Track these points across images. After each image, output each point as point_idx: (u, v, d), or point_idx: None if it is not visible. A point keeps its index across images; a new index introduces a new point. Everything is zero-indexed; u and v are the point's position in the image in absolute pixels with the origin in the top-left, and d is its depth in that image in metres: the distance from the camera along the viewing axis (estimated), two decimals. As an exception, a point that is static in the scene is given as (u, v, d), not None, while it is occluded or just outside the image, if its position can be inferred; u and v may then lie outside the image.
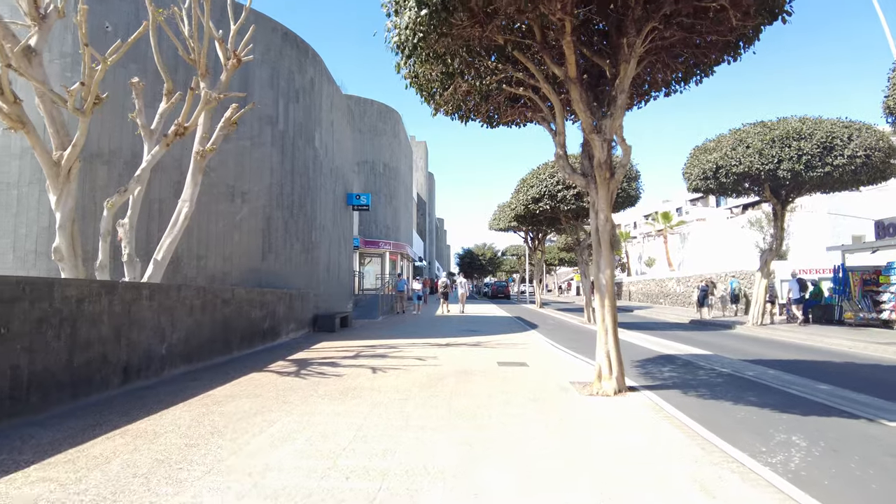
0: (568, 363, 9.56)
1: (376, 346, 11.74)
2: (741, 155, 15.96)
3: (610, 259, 6.91)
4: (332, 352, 10.76)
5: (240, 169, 13.37)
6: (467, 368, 8.62)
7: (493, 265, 69.26)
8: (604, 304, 6.96)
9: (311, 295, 15.25)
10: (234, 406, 5.95)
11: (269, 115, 14.17)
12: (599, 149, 6.70)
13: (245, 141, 13.51)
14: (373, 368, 8.54)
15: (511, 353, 10.59)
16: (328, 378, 7.72)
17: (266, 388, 7.01)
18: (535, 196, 18.47)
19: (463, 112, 8.93)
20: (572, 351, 11.37)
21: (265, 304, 11.91)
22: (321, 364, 9.08)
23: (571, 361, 9.80)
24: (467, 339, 13.14)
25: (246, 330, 10.85)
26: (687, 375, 8.49)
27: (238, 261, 13.13)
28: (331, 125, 17.82)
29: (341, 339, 13.29)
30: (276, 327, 12.58)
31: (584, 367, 9.05)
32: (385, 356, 10.03)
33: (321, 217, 16.48)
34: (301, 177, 15.20)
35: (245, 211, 13.36)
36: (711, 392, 7.18)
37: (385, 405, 6.02)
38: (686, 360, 10.25)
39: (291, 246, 14.62)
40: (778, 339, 14.74)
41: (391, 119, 35.30)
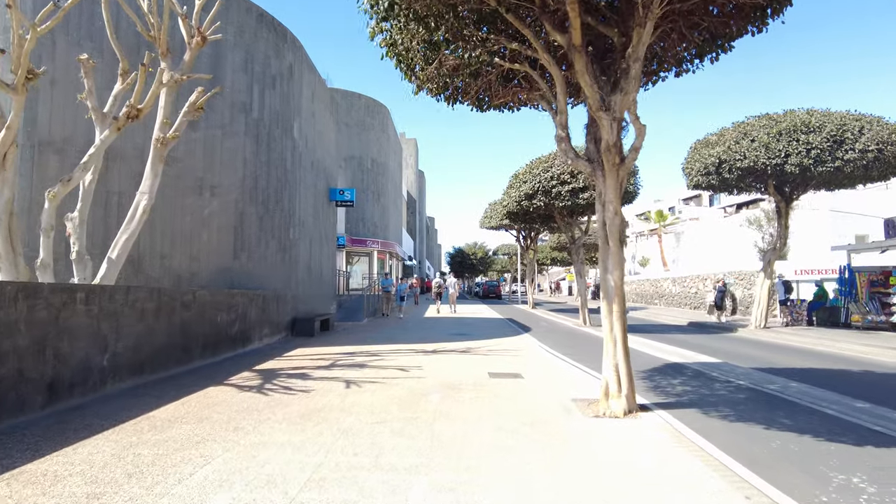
0: (566, 374, 8.61)
1: (356, 353, 10.73)
2: (746, 149, 15.10)
3: (619, 258, 5.95)
4: (305, 360, 9.74)
5: (209, 160, 12.30)
6: (455, 381, 7.64)
7: (484, 265, 68.33)
8: (612, 309, 6.00)
9: (288, 296, 14.21)
10: (173, 433, 4.94)
11: (243, 102, 13.11)
12: (608, 129, 5.74)
13: (215, 130, 12.44)
14: (347, 382, 7.53)
15: (504, 362, 9.63)
16: (293, 395, 6.71)
17: (218, 407, 5.99)
18: (528, 192, 17.52)
19: (450, 92, 7.96)
20: (570, 358, 10.43)
21: (233, 307, 10.87)
22: (290, 376, 8.07)
23: (570, 372, 8.85)
24: (456, 345, 12.17)
25: (210, 336, 9.81)
26: (702, 390, 7.56)
27: (207, 260, 12.07)
28: (312, 115, 16.77)
29: (319, 344, 12.27)
30: (248, 332, 11.54)
31: (584, 380, 8.10)
32: (364, 366, 9.03)
33: (300, 213, 15.43)
34: (278, 169, 14.15)
35: (215, 205, 12.30)
36: (735, 412, 6.24)
37: (354, 433, 5.02)
38: (697, 370, 9.33)
39: (267, 244, 13.57)
40: (786, 344, 13.89)
41: (379, 113, 34.26)
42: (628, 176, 17.57)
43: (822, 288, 18.70)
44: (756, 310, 17.59)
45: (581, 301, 18.69)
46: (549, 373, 8.64)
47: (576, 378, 8.23)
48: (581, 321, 18.66)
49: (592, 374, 8.60)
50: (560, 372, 8.78)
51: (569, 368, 9.17)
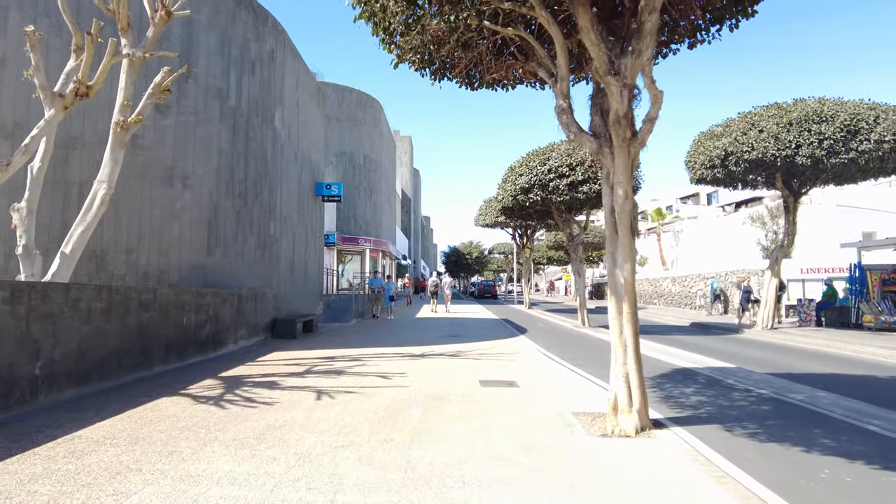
0: (566, 381, 7.75)
1: (336, 357, 9.84)
2: (754, 140, 14.28)
3: (631, 249, 5.09)
4: (279, 366, 8.85)
5: (181, 148, 11.39)
6: (441, 391, 6.76)
7: (479, 264, 67.45)
8: (621, 309, 5.14)
9: (268, 296, 13.30)
10: (93, 460, 4.05)
11: (218, 88, 12.21)
12: (617, 97, 4.87)
13: (188, 116, 11.53)
14: (319, 392, 6.64)
15: (497, 368, 8.76)
16: (254, 408, 5.82)
17: (162, 424, 5.10)
18: (524, 186, 16.64)
19: (436, 66, 7.09)
20: (569, 363, 9.57)
21: (203, 307, 9.97)
22: (257, 384, 7.17)
23: (570, 379, 7.99)
24: (447, 348, 11.29)
25: (175, 339, 8.90)
26: (721, 400, 6.70)
27: (178, 256, 11.17)
28: (296, 105, 15.87)
29: (299, 347, 11.37)
30: (220, 334, 10.63)
31: (586, 388, 7.24)
32: (342, 373, 8.14)
33: (283, 207, 14.53)
34: (257, 160, 13.24)
35: (187, 197, 11.39)
36: (764, 429, 5.39)
37: (313, 459, 4.14)
38: (710, 377, 8.48)
39: (245, 239, 12.67)
40: (798, 346, 13.07)
41: (371, 108, 33.37)
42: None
43: (832, 287, 17.92)
44: (763, 310, 16.78)
45: (579, 301, 17.85)
46: (547, 380, 7.77)
47: (576, 386, 7.37)
48: (580, 322, 17.82)
49: (595, 381, 7.74)
50: (559, 379, 7.91)
51: (568, 375, 8.31)
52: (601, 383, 7.56)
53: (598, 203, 17.00)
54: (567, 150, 15.95)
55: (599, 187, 15.64)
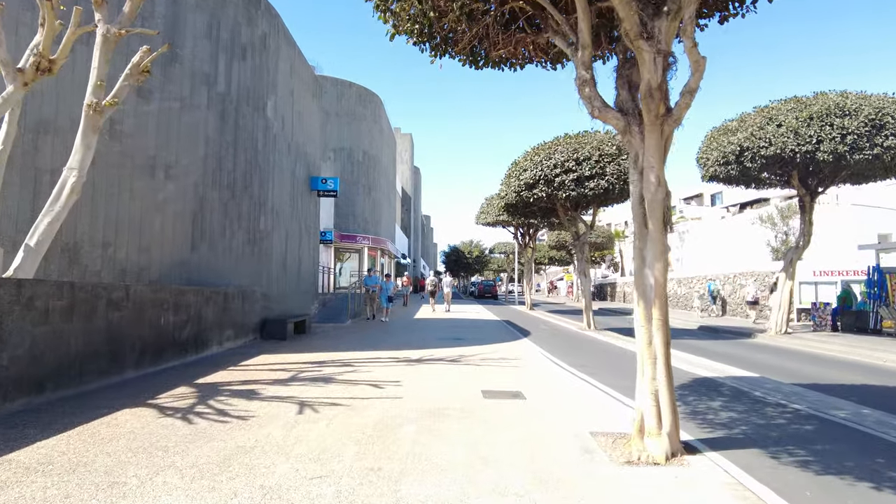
0: (577, 392, 7.02)
1: (326, 362, 9.11)
2: (771, 135, 13.54)
3: (663, 245, 4.36)
4: (263, 371, 8.11)
5: (164, 136, 10.65)
6: (439, 404, 6.03)
7: (480, 263, 66.65)
8: (650, 315, 4.40)
9: (257, 294, 12.57)
10: (14, 495, 3.32)
11: (206, 73, 11.48)
12: (650, 66, 4.14)
13: (172, 102, 10.79)
14: (302, 404, 5.91)
15: (501, 376, 8.02)
16: (226, 423, 5.09)
17: (114, 444, 4.37)
18: (528, 181, 15.88)
19: (438, 41, 6.37)
20: (578, 371, 8.84)
21: (184, 307, 9.24)
22: (234, 393, 6.44)
23: (581, 389, 7.26)
24: (446, 352, 10.55)
25: (150, 341, 8.17)
26: (754, 418, 5.96)
27: (160, 251, 10.43)
28: (290, 94, 15.13)
29: (288, 350, 10.63)
30: (203, 335, 9.90)
31: (600, 401, 6.51)
32: (330, 380, 7.41)
33: (274, 201, 13.79)
34: (247, 151, 12.51)
35: (170, 189, 10.66)
36: (816, 456, 4.65)
37: (282, 495, 3.41)
38: (735, 388, 7.74)
39: (232, 234, 11.93)
40: (817, 353, 12.34)
41: (371, 103, 32.61)
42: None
43: (847, 290, 17.18)
44: (776, 314, 16.04)
45: (585, 303, 17.10)
46: (556, 390, 7.04)
47: (589, 398, 6.63)
48: (585, 324, 17.07)
49: (609, 392, 7.01)
50: (568, 389, 7.18)
51: (578, 384, 7.57)
52: (617, 395, 6.83)
53: (605, 200, 16.29)
54: (574, 144, 15.21)
55: (607, 183, 14.91)
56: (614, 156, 14.87)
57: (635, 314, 4.55)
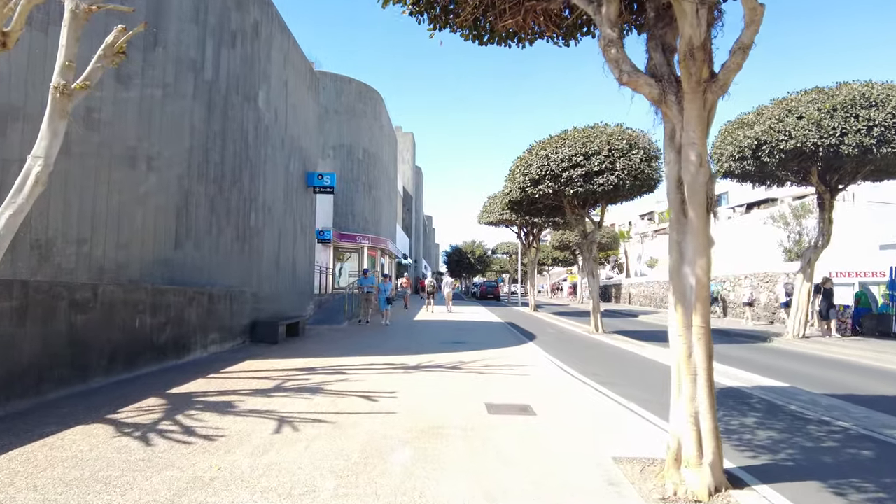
0: (592, 406, 6.28)
1: (316, 369, 8.38)
2: (792, 127, 12.77)
3: (706, 238, 3.63)
4: (245, 380, 7.39)
5: (145, 126, 9.92)
6: (437, 422, 5.29)
7: (482, 264, 65.87)
8: (690, 322, 3.67)
9: (247, 295, 11.85)
10: None
11: (192, 59, 10.76)
12: (691, 19, 3.41)
13: (154, 89, 10.06)
14: (281, 420, 5.18)
15: (506, 386, 7.29)
16: (188, 445, 4.37)
17: (47, 473, 3.66)
18: (534, 177, 15.12)
19: (437, 12, 5.67)
20: (591, 380, 8.10)
21: (162, 308, 8.53)
22: (208, 406, 5.72)
23: (596, 402, 6.52)
24: (446, 357, 9.82)
25: (123, 345, 7.47)
26: (799, 438, 5.20)
27: (140, 248, 9.68)
28: (284, 85, 14.42)
29: (278, 355, 9.92)
30: (185, 339, 9.20)
31: (620, 416, 5.77)
32: (317, 390, 6.68)
33: (266, 196, 13.07)
34: (237, 143, 11.81)
35: (152, 182, 9.93)
36: (889, 492, 3.90)
37: (234, 551, 2.68)
38: (766, 401, 6.99)
39: (220, 231, 11.22)
40: (841, 359, 11.58)
41: (372, 100, 31.92)
42: (649, 160, 15.21)
43: (863, 292, 16.38)
44: (794, 317, 15.28)
45: (593, 305, 16.34)
46: (569, 404, 6.30)
47: (607, 414, 5.89)
48: (592, 328, 16.31)
49: (629, 406, 6.28)
50: (583, 402, 6.44)
51: (594, 397, 6.83)
52: (637, 409, 6.10)
53: (615, 197, 15.55)
54: (582, 138, 14.46)
55: (617, 179, 14.16)
56: (625, 150, 14.12)
57: (671, 321, 3.82)
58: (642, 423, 5.50)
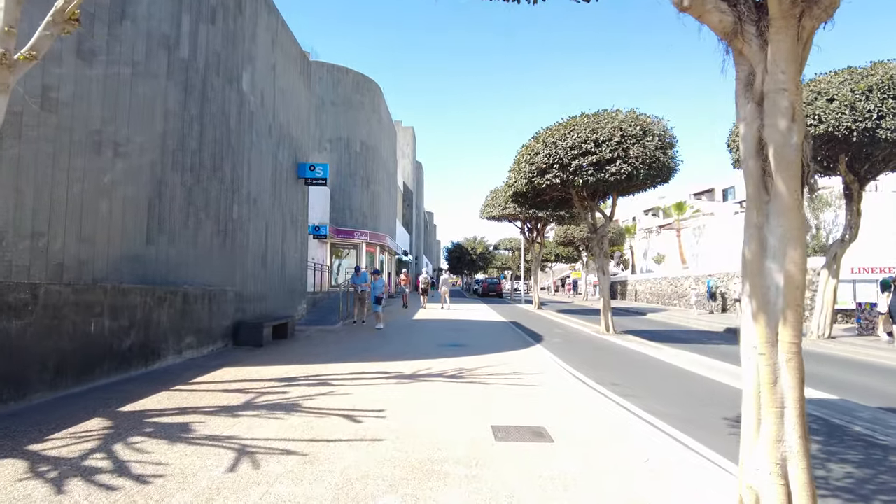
0: (621, 429, 5.29)
1: (299, 378, 7.40)
2: (822, 111, 11.76)
3: (800, 220, 2.64)
4: (214, 393, 6.41)
5: (112, 107, 8.93)
6: (433, 453, 4.31)
7: (484, 260, 64.85)
8: (774, 335, 2.69)
9: (228, 295, 10.88)
10: None
11: (165, 35, 9.77)
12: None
13: (122, 67, 9.07)
14: (240, 452, 4.20)
15: (515, 401, 6.30)
16: (113, 492, 3.40)
17: None
18: (541, 166, 14.07)
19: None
20: (611, 392, 7.12)
21: (125, 310, 7.56)
22: (158, 430, 4.74)
23: (625, 424, 5.52)
24: (446, 364, 8.85)
25: (73, 354, 6.50)
26: (886, 476, 4.21)
27: (106, 243, 8.71)
28: (271, 69, 13.42)
29: (259, 361, 8.95)
30: (154, 344, 8.23)
31: (656, 443, 4.78)
32: (294, 408, 5.70)
33: (251, 187, 12.09)
34: (217, 128, 10.82)
35: (120, 169, 8.95)
36: None
37: None
38: (821, 419, 6.00)
39: (199, 224, 10.24)
40: (880, 364, 10.58)
41: (370, 91, 30.89)
42: (664, 148, 14.16)
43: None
44: (819, 316, 14.28)
45: (603, 303, 15.35)
46: (591, 425, 5.31)
47: (639, 438, 4.90)
48: (603, 327, 15.31)
49: (662, 427, 5.29)
50: (607, 423, 5.45)
51: (619, 416, 5.84)
52: (673, 433, 5.12)
53: (628, 188, 14.50)
54: (592, 124, 13.43)
55: (630, 167, 13.13)
56: (638, 137, 13.09)
57: (746, 333, 2.83)
58: (682, 451, 4.52)
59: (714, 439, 4.98)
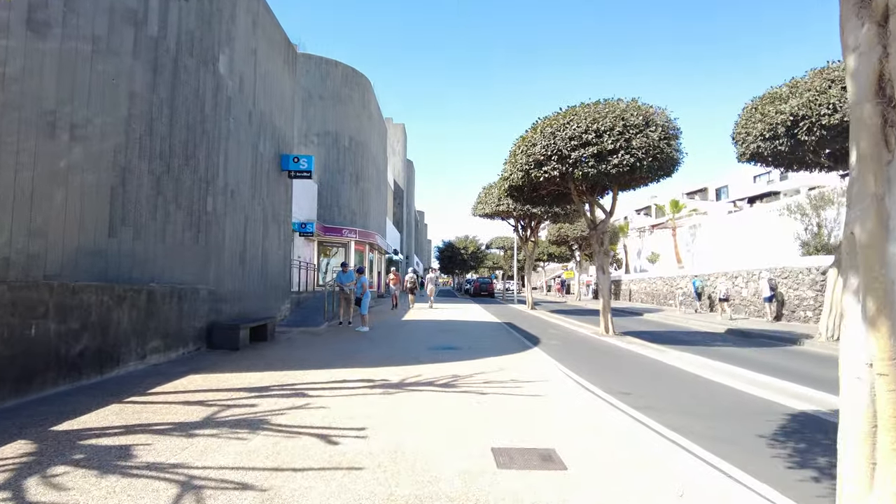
0: (645, 451, 4.52)
1: (273, 387, 6.58)
2: (837, 99, 11.09)
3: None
4: (172, 406, 5.57)
5: (68, 86, 8.04)
6: (421, 489, 3.52)
7: (475, 260, 64.05)
8: None
9: (201, 293, 10.03)
10: None
11: (132, 10, 8.90)
12: None
13: (80, 42, 8.19)
14: (183, 487, 3.39)
15: (517, 416, 5.53)
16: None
17: None
18: (538, 157, 13.26)
19: None
20: (621, 402, 6.37)
21: (76, 311, 6.71)
22: (91, 458, 3.92)
23: (647, 444, 4.76)
24: (437, 370, 8.06)
25: (9, 361, 5.64)
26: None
27: (62, 236, 7.83)
28: (252, 53, 12.56)
29: (231, 367, 8.11)
30: (112, 349, 7.37)
31: (687, 465, 4.02)
32: (261, 425, 4.88)
33: (228, 178, 11.23)
34: (190, 113, 9.97)
35: (78, 154, 8.07)
36: None
37: None
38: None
39: (168, 217, 9.38)
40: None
41: (359, 85, 30.03)
42: (669, 139, 13.45)
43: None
44: (828, 318, 13.64)
45: (603, 303, 14.61)
46: (608, 445, 4.55)
47: (664, 460, 4.15)
48: (602, 329, 14.57)
49: (686, 446, 4.54)
50: (626, 443, 4.69)
51: (638, 433, 5.07)
52: (700, 452, 4.37)
53: (630, 181, 13.77)
54: (592, 114, 12.69)
55: (633, 158, 12.39)
56: (641, 127, 12.36)
57: (849, 343, 2.09)
58: (726, 483, 3.76)
59: (756, 464, 4.24)
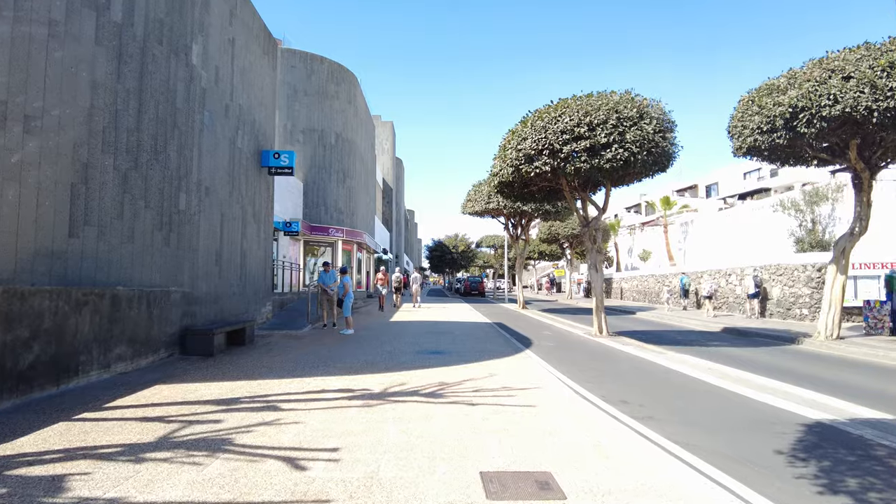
0: (656, 474, 4.03)
1: (242, 399, 6.03)
2: (837, 90, 10.68)
3: None
4: (127, 422, 5.00)
5: (21, 74, 7.43)
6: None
7: (466, 259, 63.56)
8: None
9: (174, 297, 9.43)
10: None
11: (94, -7, 8.30)
12: None
13: (35, 26, 7.57)
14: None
15: (508, 431, 5.02)
16: None
17: None
18: (529, 152, 12.74)
19: None
20: (622, 413, 5.89)
21: (25, 318, 6.11)
22: (16, 493, 3.36)
23: (655, 465, 4.27)
24: (423, 376, 7.54)
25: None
26: None
27: (15, 236, 7.21)
28: (229, 43, 11.96)
29: (201, 376, 7.54)
30: (70, 358, 6.78)
31: (707, 496, 3.53)
32: (223, 445, 4.34)
33: (202, 174, 10.63)
34: (160, 106, 9.37)
35: (32, 149, 7.46)
36: None
37: None
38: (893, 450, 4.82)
39: (136, 215, 8.78)
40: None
41: (346, 81, 29.39)
42: (663, 132, 13.03)
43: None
44: (827, 315, 13.27)
45: (596, 303, 14.16)
46: (611, 467, 4.05)
47: (677, 486, 3.66)
48: (596, 329, 14.12)
49: (701, 469, 4.06)
50: (631, 461, 4.19)
51: (644, 449, 4.58)
52: (719, 477, 3.87)
53: (623, 176, 13.30)
54: (584, 107, 12.21)
55: (627, 152, 11.93)
56: (635, 120, 11.90)
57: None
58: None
59: (779, 488, 3.76)
